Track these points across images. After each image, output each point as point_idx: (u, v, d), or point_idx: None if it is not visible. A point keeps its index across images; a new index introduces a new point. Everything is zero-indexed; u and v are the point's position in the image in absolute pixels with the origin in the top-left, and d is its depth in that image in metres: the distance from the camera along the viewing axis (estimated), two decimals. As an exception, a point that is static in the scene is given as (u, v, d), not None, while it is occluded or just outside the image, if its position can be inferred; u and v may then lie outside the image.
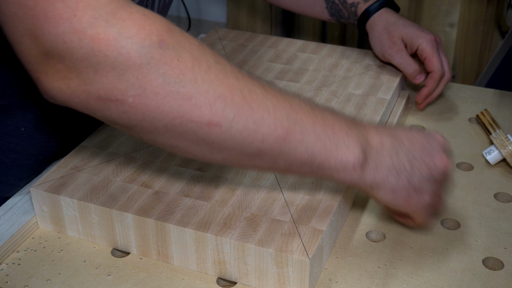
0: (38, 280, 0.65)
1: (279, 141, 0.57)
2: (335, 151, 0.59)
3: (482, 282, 0.65)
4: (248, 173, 0.72)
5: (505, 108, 0.96)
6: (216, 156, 0.58)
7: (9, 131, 0.72)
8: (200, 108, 0.53)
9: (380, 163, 0.62)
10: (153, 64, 0.51)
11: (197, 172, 0.72)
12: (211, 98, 0.54)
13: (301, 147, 0.58)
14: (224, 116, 0.54)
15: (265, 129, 0.56)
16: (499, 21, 1.60)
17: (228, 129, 0.55)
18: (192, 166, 0.73)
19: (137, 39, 0.50)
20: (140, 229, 0.67)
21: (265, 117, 0.56)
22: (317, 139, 0.59)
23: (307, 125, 0.58)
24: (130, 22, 0.50)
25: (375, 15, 0.96)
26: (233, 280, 0.65)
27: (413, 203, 0.65)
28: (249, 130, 0.56)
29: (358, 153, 0.60)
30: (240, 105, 0.55)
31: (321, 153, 0.59)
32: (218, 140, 0.55)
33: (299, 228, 0.64)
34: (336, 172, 0.60)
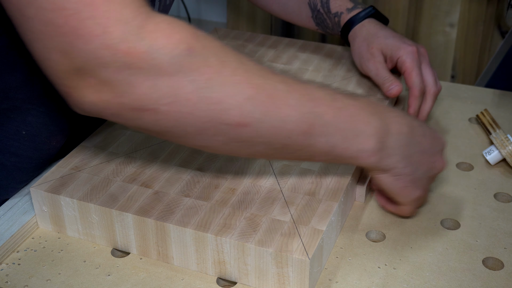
0: (38, 280, 0.65)
1: (303, 135, 0.60)
2: (354, 141, 0.63)
3: (482, 282, 0.65)
4: (248, 173, 0.72)
5: (505, 108, 0.96)
6: (246, 151, 0.61)
7: (10, 134, 0.72)
8: (230, 111, 0.56)
9: (394, 151, 0.65)
10: (183, 72, 0.53)
11: (197, 172, 0.72)
12: (239, 100, 0.56)
13: (322, 139, 0.61)
14: (253, 117, 0.57)
15: (290, 125, 0.59)
16: (499, 21, 1.60)
17: (256, 128, 0.57)
18: (192, 166, 0.73)
19: (167, 50, 0.52)
20: (140, 229, 0.67)
21: (290, 114, 0.59)
22: (338, 130, 0.62)
23: (329, 118, 0.61)
24: (158, 33, 0.52)
25: (357, 26, 0.92)
26: (233, 280, 0.65)
27: (407, 194, 0.69)
28: (276, 127, 0.58)
29: (375, 142, 0.63)
30: (267, 104, 0.57)
31: (341, 143, 0.62)
32: (247, 139, 0.58)
33: (299, 228, 0.64)
34: (353, 159, 0.64)
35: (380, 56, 0.89)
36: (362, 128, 0.63)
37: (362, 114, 0.63)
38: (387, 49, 0.88)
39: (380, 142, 0.64)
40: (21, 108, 0.71)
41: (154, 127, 0.56)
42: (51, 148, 0.75)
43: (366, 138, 0.63)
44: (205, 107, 0.55)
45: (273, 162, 0.74)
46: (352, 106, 0.63)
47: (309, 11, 0.98)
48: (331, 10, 0.95)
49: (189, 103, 0.54)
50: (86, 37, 0.51)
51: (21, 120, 0.72)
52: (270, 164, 0.74)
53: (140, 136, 0.79)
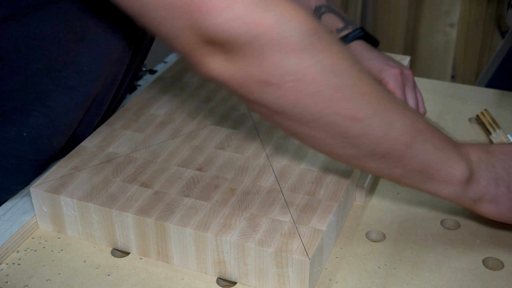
0: (38, 280, 0.65)
1: (404, 146, 0.60)
2: (447, 164, 0.63)
3: (482, 282, 0.65)
4: (248, 173, 0.72)
5: (505, 108, 0.96)
6: (346, 151, 0.61)
7: (11, 136, 0.72)
8: (347, 101, 0.56)
9: (479, 177, 0.65)
10: (311, 49, 0.53)
11: (197, 172, 0.72)
12: (357, 93, 0.57)
13: (420, 155, 0.61)
14: (366, 112, 0.57)
15: (396, 132, 0.59)
16: (499, 21, 1.60)
17: (366, 126, 0.58)
18: (192, 166, 0.73)
19: (296, 24, 0.53)
20: (140, 229, 0.67)
21: (397, 120, 0.59)
22: (435, 150, 0.62)
23: (427, 136, 0.62)
24: (285, 7, 0.53)
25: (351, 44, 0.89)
26: (233, 280, 0.65)
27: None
28: (383, 130, 0.59)
29: (465, 168, 0.64)
30: (378, 105, 0.58)
31: (436, 163, 0.62)
32: (355, 135, 0.58)
33: (299, 228, 0.64)
34: (443, 185, 0.64)
35: None
36: (452, 152, 0.63)
37: (449, 141, 0.64)
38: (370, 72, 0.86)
39: (468, 169, 0.64)
40: (22, 109, 0.71)
41: (274, 104, 0.57)
42: (52, 149, 0.75)
43: (456, 163, 0.63)
44: (326, 91, 0.55)
45: (273, 162, 0.74)
46: (440, 132, 0.64)
47: None
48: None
49: (313, 84, 0.55)
50: (214, 10, 0.52)
51: (23, 122, 0.72)
52: (270, 164, 0.74)
53: (140, 136, 0.79)
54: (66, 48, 0.69)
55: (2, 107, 0.70)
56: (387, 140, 0.60)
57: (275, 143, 0.78)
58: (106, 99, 0.79)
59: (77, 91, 0.72)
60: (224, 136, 0.79)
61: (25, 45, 0.67)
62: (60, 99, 0.72)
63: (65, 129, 0.75)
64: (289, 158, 0.75)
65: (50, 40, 0.67)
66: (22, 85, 0.70)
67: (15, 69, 0.68)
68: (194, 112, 0.85)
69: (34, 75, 0.69)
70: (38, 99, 0.71)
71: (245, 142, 0.78)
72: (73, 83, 0.72)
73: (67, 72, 0.71)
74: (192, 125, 0.81)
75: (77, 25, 0.68)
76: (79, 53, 0.70)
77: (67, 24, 0.67)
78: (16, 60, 0.68)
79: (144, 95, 0.88)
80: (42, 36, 0.67)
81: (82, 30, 0.68)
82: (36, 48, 0.67)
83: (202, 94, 0.89)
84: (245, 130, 0.81)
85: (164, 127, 0.81)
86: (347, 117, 0.57)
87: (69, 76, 0.71)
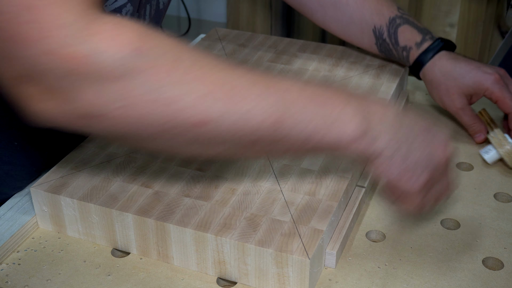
0: (38, 280, 0.65)
1: (273, 128, 0.57)
2: (331, 127, 0.59)
3: (482, 282, 0.65)
4: (248, 173, 0.72)
5: (505, 108, 0.96)
6: (213, 151, 0.58)
7: (2, 145, 0.72)
8: (186, 110, 0.53)
9: (380, 133, 0.61)
10: (130, 75, 0.50)
11: (197, 172, 0.72)
12: (195, 99, 0.53)
13: (295, 130, 0.58)
14: (212, 114, 0.54)
15: (256, 118, 0.56)
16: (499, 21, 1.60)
17: (218, 126, 0.54)
18: (192, 166, 0.73)
19: (110, 53, 0.49)
20: (140, 229, 0.67)
21: (254, 106, 0.55)
22: (312, 118, 0.58)
23: (300, 107, 0.57)
24: (102, 35, 0.49)
25: (429, 64, 0.89)
26: (233, 280, 0.65)
27: (406, 180, 0.63)
28: (239, 122, 0.55)
29: (356, 126, 0.59)
30: (226, 100, 0.54)
31: (318, 131, 0.58)
32: (210, 137, 0.55)
33: (299, 228, 0.64)
34: (335, 147, 0.60)
35: (462, 100, 0.88)
36: (339, 112, 0.59)
37: (337, 99, 0.59)
38: (468, 89, 0.87)
39: (362, 125, 0.59)
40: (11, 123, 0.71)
41: (108, 133, 0.54)
42: (44, 157, 0.75)
43: (345, 122, 0.59)
44: (158, 109, 0.52)
45: (273, 162, 0.74)
46: (326, 92, 0.60)
47: (373, 38, 0.94)
48: (399, 43, 0.92)
49: (139, 107, 0.52)
50: (25, 42, 0.48)
51: (15, 132, 0.72)
52: (270, 164, 0.74)
53: (140, 136, 0.79)
54: None
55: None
56: (247, 130, 0.56)
57: (275, 143, 0.78)
58: None
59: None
60: (224, 136, 0.79)
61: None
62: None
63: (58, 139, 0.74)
64: (289, 158, 0.75)
65: None
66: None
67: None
68: (194, 112, 0.84)
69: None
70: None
71: (245, 142, 0.78)
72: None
73: None
74: (192, 125, 0.81)
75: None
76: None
77: None
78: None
79: (144, 95, 0.88)
80: None
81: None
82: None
83: (202, 94, 0.89)
84: (245, 130, 0.80)
85: (164, 127, 0.81)
86: (192, 125, 0.54)
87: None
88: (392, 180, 0.63)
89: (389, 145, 0.61)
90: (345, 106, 0.59)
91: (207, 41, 1.05)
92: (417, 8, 1.63)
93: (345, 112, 0.59)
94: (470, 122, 0.88)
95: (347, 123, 0.59)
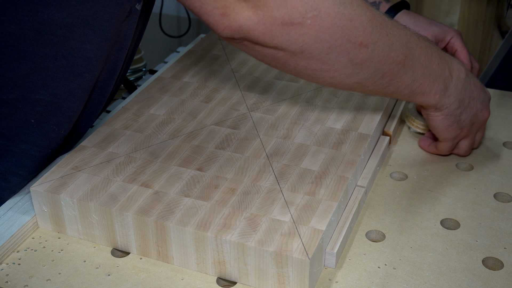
0: (38, 280, 0.65)
1: (399, 66, 0.69)
2: (428, 79, 0.73)
3: (482, 282, 0.65)
4: (248, 173, 0.72)
5: (505, 108, 0.96)
6: (352, 79, 0.68)
7: (19, 123, 0.72)
8: (357, 29, 0.64)
9: (452, 92, 0.76)
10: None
11: (197, 172, 0.72)
12: (364, 21, 0.64)
13: (410, 72, 0.71)
14: (371, 38, 0.65)
15: (393, 53, 0.67)
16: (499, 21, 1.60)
17: (372, 50, 0.65)
18: (192, 166, 0.73)
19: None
20: (140, 229, 0.67)
21: (395, 42, 0.67)
22: (420, 67, 0.71)
23: (416, 54, 0.70)
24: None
25: (397, 16, 0.95)
26: (233, 280, 0.65)
27: (451, 132, 0.80)
28: (384, 52, 0.67)
29: (442, 82, 0.74)
30: (380, 30, 0.66)
31: (420, 78, 0.72)
32: (362, 60, 0.66)
33: (299, 228, 0.64)
34: (423, 95, 0.74)
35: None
36: (435, 69, 0.73)
37: (435, 57, 0.73)
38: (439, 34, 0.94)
39: (445, 84, 0.74)
40: (29, 98, 0.71)
41: (295, 45, 0.63)
42: (59, 136, 0.76)
43: (437, 78, 0.73)
44: (340, 22, 0.62)
45: (273, 162, 0.74)
46: (429, 48, 0.73)
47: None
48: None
49: (329, 17, 0.62)
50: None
51: (30, 110, 0.72)
52: (270, 164, 0.74)
53: (140, 136, 0.79)
54: (72, 33, 0.69)
55: (9, 94, 0.71)
56: (386, 61, 0.67)
57: (275, 143, 0.78)
58: (108, 85, 0.79)
59: (84, 77, 0.73)
60: (224, 136, 0.79)
61: (33, 30, 0.67)
62: (67, 86, 0.73)
63: (72, 115, 0.75)
64: (289, 158, 0.75)
65: (57, 25, 0.68)
66: (29, 71, 0.70)
67: (22, 54, 0.69)
68: (194, 112, 0.85)
69: (41, 61, 0.70)
70: (44, 87, 0.71)
71: (245, 142, 0.78)
72: (80, 70, 0.72)
73: (74, 59, 0.71)
74: (192, 125, 0.81)
75: (82, 9, 0.68)
76: (85, 39, 0.70)
77: (72, 8, 0.68)
78: (23, 45, 0.68)
79: (144, 95, 0.88)
80: (49, 20, 0.67)
81: (86, 14, 0.69)
82: (43, 33, 0.68)
83: (202, 94, 0.89)
84: (245, 130, 0.81)
85: (164, 127, 0.81)
86: (357, 44, 0.64)
87: (76, 63, 0.71)
88: (438, 130, 0.80)
89: (452, 105, 0.76)
90: (438, 66, 0.73)
91: (207, 41, 1.05)
92: (417, 8, 1.63)
93: (438, 70, 0.73)
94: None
95: (437, 79, 0.73)
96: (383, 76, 0.69)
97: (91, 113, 0.80)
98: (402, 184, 0.79)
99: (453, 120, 0.78)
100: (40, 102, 0.72)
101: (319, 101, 0.87)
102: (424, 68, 0.72)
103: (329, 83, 0.69)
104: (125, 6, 0.71)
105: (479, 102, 0.80)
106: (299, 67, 0.66)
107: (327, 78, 0.68)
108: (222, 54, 1.01)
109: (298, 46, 0.63)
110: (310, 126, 0.81)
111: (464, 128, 0.80)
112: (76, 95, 0.73)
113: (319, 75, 0.67)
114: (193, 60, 0.99)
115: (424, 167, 0.83)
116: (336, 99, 0.87)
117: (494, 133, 0.90)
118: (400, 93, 0.73)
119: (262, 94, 0.89)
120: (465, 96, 0.78)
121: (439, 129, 0.80)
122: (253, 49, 0.66)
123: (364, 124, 0.82)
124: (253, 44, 0.65)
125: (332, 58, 0.65)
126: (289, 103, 0.87)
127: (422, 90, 0.73)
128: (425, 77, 0.72)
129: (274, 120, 0.83)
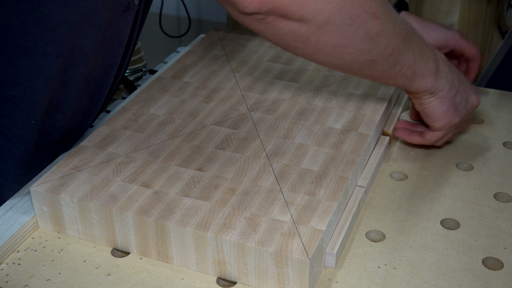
0: (38, 280, 0.65)
1: (404, 40, 0.71)
2: (423, 59, 0.75)
3: (482, 282, 0.65)
4: (248, 173, 0.72)
5: (505, 108, 0.96)
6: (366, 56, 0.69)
7: (19, 124, 0.72)
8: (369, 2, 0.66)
9: (442, 74, 0.78)
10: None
11: (197, 172, 0.72)
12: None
13: (411, 50, 0.72)
14: (381, 10, 0.67)
15: (398, 27, 0.70)
16: (499, 21, 1.60)
17: (383, 22, 0.67)
18: (192, 166, 0.73)
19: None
20: (140, 229, 0.67)
21: (396, 17, 0.70)
22: (417, 47, 0.74)
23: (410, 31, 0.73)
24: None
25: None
26: (233, 280, 0.65)
27: (449, 118, 0.80)
28: (392, 25, 0.69)
29: (434, 63, 0.76)
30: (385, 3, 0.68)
31: (418, 58, 0.74)
32: (377, 33, 0.67)
33: (299, 228, 0.64)
34: (420, 78, 0.75)
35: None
36: (425, 49, 0.75)
37: (421, 38, 0.75)
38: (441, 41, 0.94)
39: (436, 65, 0.76)
40: (30, 98, 0.71)
41: (320, 15, 0.63)
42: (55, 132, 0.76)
43: (428, 59, 0.75)
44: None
45: (273, 162, 0.74)
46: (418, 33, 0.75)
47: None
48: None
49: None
50: None
51: (30, 111, 0.72)
52: (270, 164, 0.74)
53: (140, 136, 0.79)
54: (72, 30, 0.69)
55: (10, 91, 0.71)
56: (394, 35, 0.69)
57: (275, 143, 0.78)
58: (105, 81, 0.79)
59: (78, 69, 0.73)
60: (224, 136, 0.79)
61: (35, 25, 0.67)
62: (66, 84, 0.73)
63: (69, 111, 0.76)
64: (289, 158, 0.75)
65: (59, 21, 0.68)
66: (30, 69, 0.70)
67: (23, 50, 0.69)
68: (194, 112, 0.85)
69: (42, 59, 0.70)
70: (45, 87, 0.71)
71: (245, 142, 0.78)
72: (75, 63, 0.72)
73: (72, 53, 0.71)
74: (192, 125, 0.82)
75: (84, 5, 0.68)
76: (83, 34, 0.70)
77: (75, 3, 0.67)
78: (24, 41, 0.68)
79: (144, 95, 0.88)
80: (50, 16, 0.67)
81: (88, 10, 0.69)
82: (45, 29, 0.68)
83: (202, 94, 0.89)
84: (245, 130, 0.81)
85: (164, 127, 0.81)
86: (372, 15, 0.66)
87: (73, 57, 0.71)
88: (435, 117, 0.80)
89: (445, 87, 0.78)
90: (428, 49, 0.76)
91: (207, 41, 1.05)
92: (417, 8, 1.63)
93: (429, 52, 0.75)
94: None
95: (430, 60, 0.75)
96: (392, 53, 0.70)
97: (90, 110, 0.80)
98: (402, 184, 0.79)
99: (449, 104, 0.79)
100: (41, 102, 0.72)
101: (319, 101, 0.87)
102: (419, 47, 0.74)
103: (345, 61, 0.69)
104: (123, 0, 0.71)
105: (467, 86, 0.81)
106: (321, 43, 0.66)
107: (345, 55, 0.68)
108: (222, 54, 1.01)
109: (324, 17, 0.64)
110: (310, 126, 0.81)
111: (460, 113, 0.80)
112: (69, 87, 0.73)
113: (338, 52, 0.68)
114: (193, 60, 0.99)
115: (424, 167, 0.83)
116: (336, 99, 0.87)
117: (494, 133, 0.90)
118: (403, 75, 0.74)
119: (262, 94, 0.89)
120: (454, 78, 0.79)
121: (436, 115, 0.80)
122: (276, 27, 0.65)
123: (364, 124, 0.82)
124: (278, 19, 0.64)
125: (352, 31, 0.66)
126: (289, 103, 0.87)
127: (421, 71, 0.75)
128: (421, 56, 0.74)
129: (274, 120, 0.83)
